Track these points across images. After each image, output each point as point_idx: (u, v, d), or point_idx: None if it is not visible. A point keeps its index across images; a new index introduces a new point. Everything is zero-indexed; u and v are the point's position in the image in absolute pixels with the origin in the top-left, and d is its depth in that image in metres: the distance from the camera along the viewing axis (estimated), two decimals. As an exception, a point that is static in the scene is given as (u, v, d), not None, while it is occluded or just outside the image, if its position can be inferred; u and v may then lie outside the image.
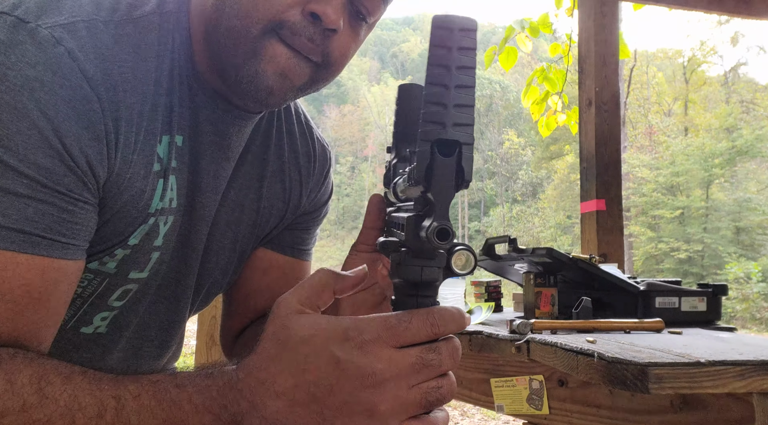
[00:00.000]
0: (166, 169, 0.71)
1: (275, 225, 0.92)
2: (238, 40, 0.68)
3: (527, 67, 33.69)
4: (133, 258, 0.72)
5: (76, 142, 0.60)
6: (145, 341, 0.83)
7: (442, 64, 0.40)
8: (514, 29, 3.55)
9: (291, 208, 0.91)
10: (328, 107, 56.57)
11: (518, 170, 38.43)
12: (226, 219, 0.84)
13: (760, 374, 0.87)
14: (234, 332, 0.96)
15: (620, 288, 1.50)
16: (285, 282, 0.94)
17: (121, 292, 0.74)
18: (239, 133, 0.79)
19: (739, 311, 13.43)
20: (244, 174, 0.84)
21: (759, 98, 26.37)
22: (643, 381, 0.83)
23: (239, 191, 0.84)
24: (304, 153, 0.92)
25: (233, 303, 0.95)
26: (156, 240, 0.73)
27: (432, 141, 0.40)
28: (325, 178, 0.96)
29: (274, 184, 0.89)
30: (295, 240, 0.95)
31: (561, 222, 28.88)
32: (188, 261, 0.80)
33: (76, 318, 0.74)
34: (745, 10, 2.88)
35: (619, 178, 2.60)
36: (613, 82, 2.63)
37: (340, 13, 0.68)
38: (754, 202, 20.04)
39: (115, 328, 0.78)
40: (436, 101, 0.40)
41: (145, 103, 0.68)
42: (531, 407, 1.23)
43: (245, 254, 0.89)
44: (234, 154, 0.81)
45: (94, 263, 0.70)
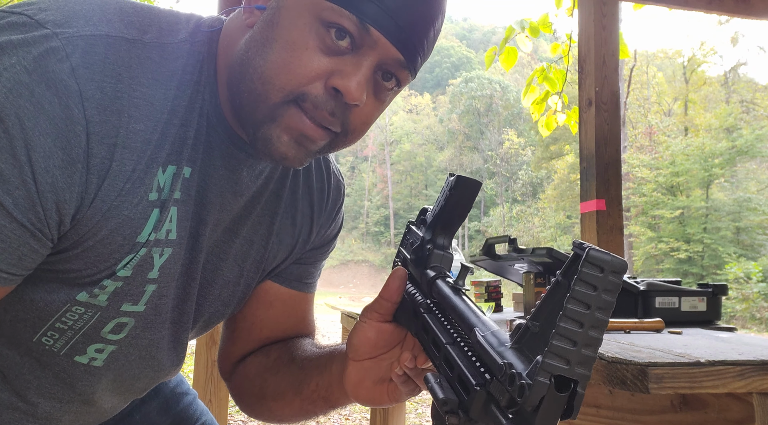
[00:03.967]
0: (165, 200, 0.68)
1: (283, 260, 0.90)
2: (258, 103, 0.67)
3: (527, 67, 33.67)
4: (126, 291, 0.70)
5: (44, 159, 0.58)
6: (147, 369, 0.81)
7: (584, 301, 0.40)
8: (514, 29, 3.55)
9: (300, 243, 0.90)
10: (328, 107, 56.42)
11: (518, 170, 38.42)
12: (234, 254, 0.83)
13: (760, 374, 0.87)
14: (234, 358, 0.95)
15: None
16: (289, 314, 0.94)
17: (114, 325, 0.72)
18: (250, 170, 0.77)
19: (739, 311, 13.43)
20: (259, 211, 0.83)
21: (759, 98, 26.37)
22: (643, 381, 0.83)
23: (251, 227, 0.83)
24: (318, 188, 0.90)
25: (236, 331, 0.93)
26: (150, 273, 0.70)
27: (553, 375, 0.40)
28: (337, 213, 0.95)
29: (286, 219, 0.87)
30: (301, 274, 0.93)
31: (561, 222, 28.88)
32: (187, 289, 0.78)
33: (69, 346, 0.73)
34: (744, 10, 2.88)
35: (619, 178, 2.60)
36: (613, 81, 2.63)
37: (363, 89, 0.66)
38: (754, 202, 20.03)
39: (112, 362, 0.76)
40: (568, 337, 0.40)
41: (155, 132, 0.66)
42: (531, 407, 1.23)
43: (250, 287, 0.88)
44: (244, 189, 0.78)
45: (83, 294, 0.68)
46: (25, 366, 0.74)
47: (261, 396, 0.89)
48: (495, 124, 41.74)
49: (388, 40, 0.65)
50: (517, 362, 0.43)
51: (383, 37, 0.64)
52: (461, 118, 42.80)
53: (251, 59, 0.66)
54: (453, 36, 70.18)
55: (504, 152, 39.83)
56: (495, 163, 40.44)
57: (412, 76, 0.70)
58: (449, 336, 0.58)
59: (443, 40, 66.32)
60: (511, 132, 40.10)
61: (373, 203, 46.09)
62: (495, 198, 40.30)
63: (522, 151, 39.07)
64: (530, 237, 29.24)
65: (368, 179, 47.40)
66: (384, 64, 0.67)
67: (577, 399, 0.41)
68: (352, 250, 41.28)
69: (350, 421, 4.30)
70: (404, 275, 0.71)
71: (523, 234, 30.09)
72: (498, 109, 41.72)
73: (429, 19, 0.67)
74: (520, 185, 37.59)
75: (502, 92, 41.60)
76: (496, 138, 40.67)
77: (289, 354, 0.89)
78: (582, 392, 0.41)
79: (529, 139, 38.16)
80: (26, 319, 0.70)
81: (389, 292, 0.71)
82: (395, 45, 0.65)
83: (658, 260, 20.90)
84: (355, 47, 0.65)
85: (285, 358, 0.89)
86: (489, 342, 0.48)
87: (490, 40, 61.31)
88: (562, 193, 28.69)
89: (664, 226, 21.29)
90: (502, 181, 39.52)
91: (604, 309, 0.40)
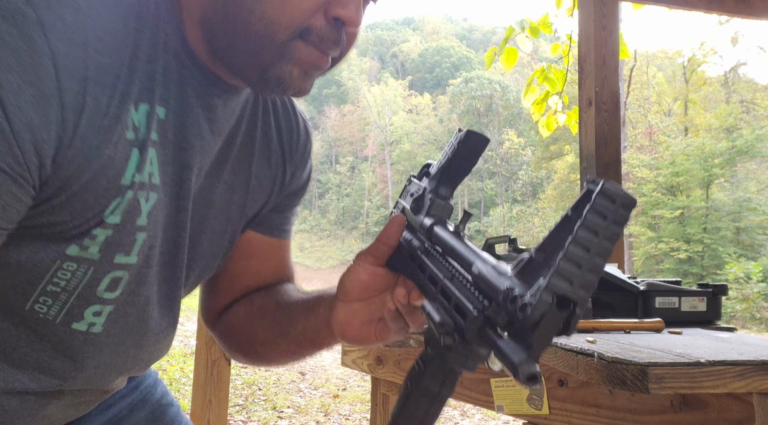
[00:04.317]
0: (143, 140, 0.66)
1: (263, 205, 0.89)
2: (263, 45, 0.66)
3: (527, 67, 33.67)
4: (117, 240, 0.67)
5: (14, 96, 0.55)
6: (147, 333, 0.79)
7: (594, 230, 0.42)
8: (514, 30, 3.55)
9: (277, 185, 0.90)
10: (328, 107, 56.53)
11: (518, 170, 38.44)
12: (219, 202, 0.81)
13: (760, 374, 0.87)
14: (217, 309, 0.95)
15: (620, 288, 1.50)
16: (270, 262, 0.94)
17: (110, 281, 0.70)
18: (225, 107, 0.76)
19: (739, 311, 13.43)
20: (236, 154, 0.82)
21: (759, 98, 26.37)
22: (643, 381, 0.83)
23: (231, 172, 0.82)
24: (287, 129, 0.90)
25: (218, 283, 0.93)
26: (139, 219, 0.68)
27: (556, 294, 0.42)
28: (308, 155, 0.95)
29: (262, 161, 0.87)
30: (280, 222, 0.94)
31: (561, 223, 28.81)
32: (178, 241, 0.76)
33: (65, 312, 0.70)
34: (744, 10, 2.88)
35: (619, 178, 2.60)
36: (613, 82, 2.63)
37: (361, 13, 0.68)
38: (754, 202, 20.04)
39: (112, 325, 0.73)
40: (575, 261, 0.42)
41: (122, 66, 0.63)
42: (531, 407, 1.23)
43: (235, 236, 0.87)
44: (221, 129, 0.77)
45: (74, 248, 0.65)
46: (21, 339, 0.70)
47: (249, 342, 0.91)
48: (495, 124, 41.75)
49: None
50: (520, 287, 0.46)
51: None
52: (461, 118, 42.80)
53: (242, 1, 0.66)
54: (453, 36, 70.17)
55: (504, 152, 39.84)
56: (495, 163, 40.45)
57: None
58: (447, 271, 0.60)
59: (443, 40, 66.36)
60: (511, 132, 40.12)
61: (373, 203, 46.08)
62: (495, 198, 40.31)
63: (522, 151, 39.09)
64: (530, 238, 29.24)
65: (368, 179, 47.40)
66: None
67: (574, 320, 0.43)
68: (352, 250, 41.24)
69: (350, 421, 4.31)
70: (403, 221, 0.72)
71: (523, 234, 30.09)
72: (498, 109, 41.74)
73: None
74: (520, 185, 37.61)
75: (502, 92, 41.62)
76: (496, 138, 40.67)
77: (274, 301, 0.90)
78: (579, 314, 0.43)
79: (529, 139, 38.18)
80: (16, 286, 0.67)
81: (387, 237, 0.72)
82: None
83: (658, 260, 20.90)
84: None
85: (270, 305, 0.89)
86: (489, 272, 0.51)
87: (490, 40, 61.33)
88: (562, 192, 28.68)
89: (664, 226, 21.29)
90: (502, 181, 39.53)
91: (610, 239, 0.42)
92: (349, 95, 57.18)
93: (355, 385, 5.49)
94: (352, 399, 4.91)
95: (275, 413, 4.39)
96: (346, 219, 46.38)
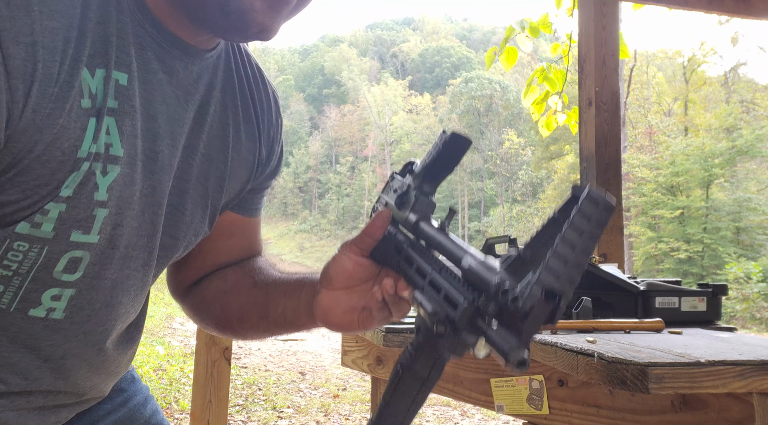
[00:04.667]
0: (100, 108, 0.62)
1: (245, 183, 0.87)
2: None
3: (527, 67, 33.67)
4: (72, 216, 0.62)
5: None
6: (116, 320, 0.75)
7: (579, 230, 0.47)
8: (514, 30, 3.55)
9: (257, 161, 0.87)
10: (328, 107, 56.57)
11: (518, 170, 38.44)
12: (196, 173, 0.77)
13: (760, 374, 0.87)
14: (187, 283, 0.93)
15: (620, 288, 1.50)
16: (244, 241, 0.94)
17: (67, 262, 0.65)
18: (187, 71, 0.72)
19: (739, 311, 13.43)
20: (210, 124, 0.78)
21: (759, 98, 26.36)
22: (643, 381, 0.83)
23: (207, 142, 0.78)
24: (259, 99, 0.87)
25: (189, 258, 0.89)
26: (97, 194, 0.63)
27: (545, 287, 0.47)
28: (281, 129, 0.92)
29: (239, 133, 0.83)
30: (258, 201, 0.93)
31: (561, 223, 28.83)
32: (154, 220, 0.72)
33: (19, 298, 0.65)
34: (744, 10, 2.88)
35: (619, 178, 2.60)
36: (613, 82, 2.63)
37: None
38: (754, 202, 20.04)
39: (75, 312, 0.69)
40: (562, 257, 0.47)
41: (72, 29, 0.58)
42: (531, 407, 1.23)
43: (216, 212, 0.84)
44: (188, 95, 0.73)
45: (25, 225, 0.61)
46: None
47: (223, 319, 0.90)
48: (495, 124, 41.75)
49: None
50: (510, 280, 0.51)
51: None
52: (461, 118, 42.81)
53: None
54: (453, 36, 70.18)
55: (504, 152, 39.84)
56: (495, 163, 40.45)
57: None
58: (435, 264, 0.63)
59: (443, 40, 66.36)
60: (511, 132, 40.12)
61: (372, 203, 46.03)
62: (495, 198, 40.32)
63: (522, 151, 39.09)
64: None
65: (368, 179, 47.39)
66: None
67: (559, 311, 0.48)
68: (352, 250, 41.10)
69: (350, 421, 4.31)
70: (388, 216, 0.73)
71: (523, 234, 30.08)
72: (498, 109, 41.74)
73: None
74: (520, 185, 37.60)
75: (502, 92, 41.63)
76: (496, 138, 40.68)
77: (251, 279, 0.89)
78: (563, 306, 0.48)
79: (529, 139, 38.17)
80: None
81: (372, 229, 0.72)
82: None
83: (658, 260, 20.90)
84: None
85: (246, 283, 0.89)
86: (478, 267, 0.55)
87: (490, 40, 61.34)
88: (562, 192, 28.67)
89: (664, 226, 21.29)
90: (502, 181, 39.54)
91: (593, 239, 0.48)
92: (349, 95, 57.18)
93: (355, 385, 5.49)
94: (352, 399, 4.91)
95: (275, 413, 4.39)
96: (346, 219, 46.36)
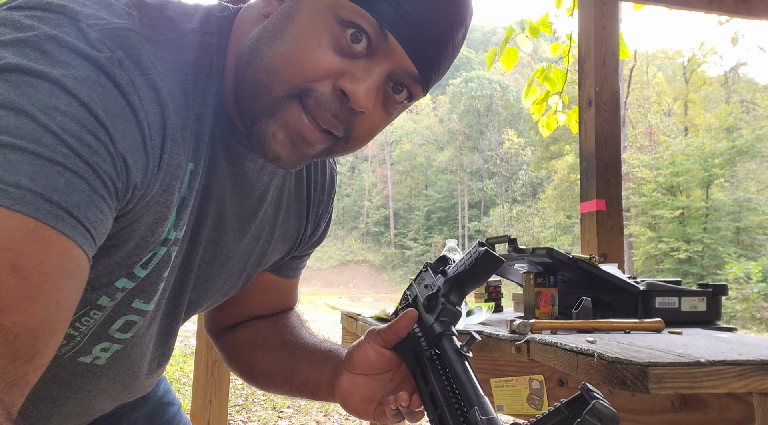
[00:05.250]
0: (185, 197, 0.66)
1: (284, 255, 0.92)
2: (260, 95, 0.64)
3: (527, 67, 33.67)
4: (140, 288, 0.67)
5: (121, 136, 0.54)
6: (143, 365, 0.80)
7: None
8: (514, 30, 3.55)
9: (301, 237, 0.92)
10: (328, 107, 56.43)
11: (518, 170, 38.45)
12: (241, 251, 0.82)
13: (760, 374, 0.87)
14: (222, 326, 0.99)
15: (620, 288, 1.50)
16: (280, 297, 0.99)
17: (123, 323, 0.69)
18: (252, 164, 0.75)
19: (739, 311, 13.43)
20: (265, 209, 0.82)
21: (759, 98, 26.37)
22: (643, 381, 0.83)
23: (259, 225, 0.82)
24: (315, 180, 0.90)
25: (227, 306, 0.95)
26: (165, 272, 0.68)
27: None
28: (331, 204, 0.96)
29: (289, 214, 0.87)
30: (298, 265, 0.98)
31: (561, 222, 28.89)
32: (184, 281, 0.77)
33: (75, 350, 0.69)
34: (744, 10, 2.88)
35: (619, 178, 2.60)
36: (613, 82, 2.63)
37: (371, 96, 0.63)
38: (754, 202, 20.05)
39: (115, 360, 0.74)
40: None
41: (186, 128, 0.63)
42: (531, 407, 1.23)
43: (250, 279, 0.89)
44: (252, 186, 0.77)
45: (105, 299, 0.64)
46: None
47: (250, 369, 0.94)
48: (495, 124, 41.76)
49: (405, 50, 0.62)
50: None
51: (401, 46, 0.62)
52: (461, 118, 42.82)
53: (260, 49, 0.64)
54: (453, 36, 70.09)
55: (504, 152, 39.85)
56: (495, 163, 40.46)
57: (423, 92, 0.68)
58: (447, 397, 0.66)
59: (443, 40, 66.16)
60: (511, 132, 40.13)
61: (373, 203, 46.10)
62: (495, 198, 40.33)
63: (522, 151, 39.10)
64: (530, 238, 29.25)
65: (368, 179, 47.41)
66: (397, 74, 0.64)
67: None
68: (352, 250, 41.27)
69: (350, 421, 4.31)
70: (414, 317, 0.76)
71: (523, 234, 30.10)
72: (498, 109, 41.74)
73: (449, 35, 0.64)
74: (520, 185, 37.62)
75: (502, 92, 41.62)
76: (496, 138, 40.69)
77: (280, 338, 0.93)
78: None
79: (529, 139, 38.19)
80: None
81: (398, 328, 0.76)
82: (411, 57, 0.63)
83: (658, 260, 20.91)
84: (370, 52, 0.63)
85: (275, 341, 0.93)
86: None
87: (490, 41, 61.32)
88: (562, 193, 28.69)
89: (664, 226, 21.30)
90: (502, 181, 39.55)
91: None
92: (349, 95, 57.11)
93: (355, 385, 5.49)
94: (352, 399, 4.90)
95: (275, 413, 4.39)
96: (346, 219, 46.38)
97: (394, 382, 0.80)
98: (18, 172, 0.46)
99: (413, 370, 0.74)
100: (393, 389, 0.80)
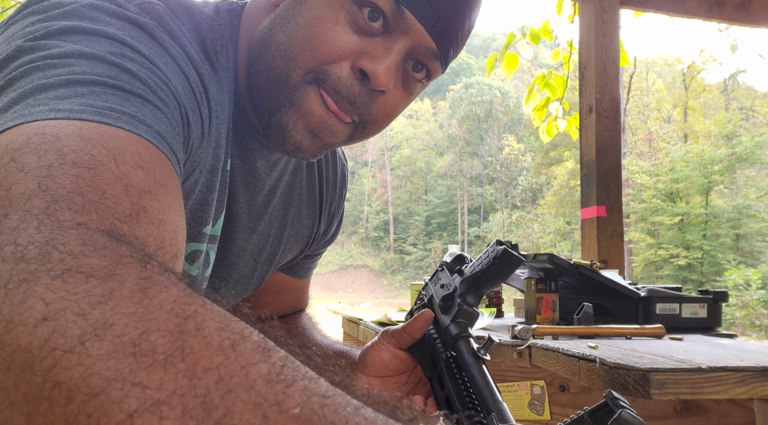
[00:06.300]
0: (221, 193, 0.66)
1: (297, 254, 0.92)
2: (278, 84, 0.62)
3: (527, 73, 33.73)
4: None
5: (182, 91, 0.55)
6: None
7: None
8: (515, 36, 3.56)
9: (314, 235, 0.92)
10: (329, 112, 56.46)
11: (518, 176, 38.44)
12: (251, 250, 0.82)
13: (760, 380, 0.88)
14: None
15: (621, 294, 1.50)
16: (292, 298, 1.00)
17: None
18: (265, 162, 0.75)
19: (739, 318, 13.41)
20: (274, 205, 0.82)
21: (758, 105, 26.42)
22: (645, 387, 0.84)
23: (267, 222, 0.82)
24: (326, 177, 0.90)
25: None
26: (207, 271, 0.69)
27: None
28: (342, 200, 0.96)
29: (300, 211, 0.87)
30: (310, 265, 0.99)
31: (560, 228, 28.87)
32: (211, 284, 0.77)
33: None
34: (744, 17, 2.90)
35: (620, 184, 2.60)
36: (613, 88, 2.64)
37: (391, 75, 0.62)
38: (754, 209, 20.04)
39: None
40: None
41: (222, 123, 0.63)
42: (532, 412, 1.23)
43: (263, 279, 0.88)
44: (262, 183, 0.76)
45: None
46: None
47: None
48: (495, 130, 41.79)
49: (423, 26, 0.61)
50: None
51: (418, 22, 0.61)
52: (461, 123, 42.85)
53: (274, 36, 0.62)
54: (453, 42, 70.16)
55: (504, 158, 39.86)
56: (495, 169, 40.46)
57: (442, 68, 0.67)
58: (464, 402, 0.64)
59: (443, 46, 66.23)
60: (511, 138, 40.14)
61: (372, 208, 46.06)
62: (495, 203, 40.31)
63: (522, 156, 39.10)
64: (530, 243, 29.23)
65: (368, 184, 47.39)
66: (415, 51, 0.63)
67: None
68: (352, 255, 41.22)
69: None
70: (430, 318, 0.75)
71: (522, 239, 30.08)
72: (498, 115, 41.78)
73: (467, 8, 0.63)
74: (520, 191, 37.60)
75: (502, 98, 41.67)
76: (496, 143, 40.71)
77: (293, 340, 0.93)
78: None
79: (529, 144, 38.21)
80: None
81: (413, 329, 0.75)
82: (429, 32, 0.61)
83: (658, 266, 20.88)
84: (387, 30, 0.61)
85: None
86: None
87: (490, 46, 61.45)
88: (561, 198, 28.69)
89: (663, 233, 21.29)
90: (502, 187, 39.54)
91: None
92: (349, 100, 57.14)
93: (355, 390, 5.48)
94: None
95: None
96: (346, 223, 46.33)
97: (409, 385, 0.79)
98: (107, 100, 0.45)
99: (429, 373, 0.72)
100: (407, 392, 0.78)
